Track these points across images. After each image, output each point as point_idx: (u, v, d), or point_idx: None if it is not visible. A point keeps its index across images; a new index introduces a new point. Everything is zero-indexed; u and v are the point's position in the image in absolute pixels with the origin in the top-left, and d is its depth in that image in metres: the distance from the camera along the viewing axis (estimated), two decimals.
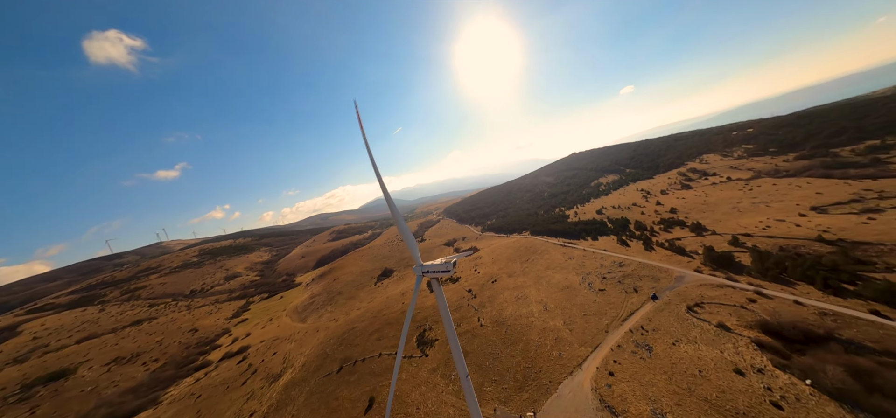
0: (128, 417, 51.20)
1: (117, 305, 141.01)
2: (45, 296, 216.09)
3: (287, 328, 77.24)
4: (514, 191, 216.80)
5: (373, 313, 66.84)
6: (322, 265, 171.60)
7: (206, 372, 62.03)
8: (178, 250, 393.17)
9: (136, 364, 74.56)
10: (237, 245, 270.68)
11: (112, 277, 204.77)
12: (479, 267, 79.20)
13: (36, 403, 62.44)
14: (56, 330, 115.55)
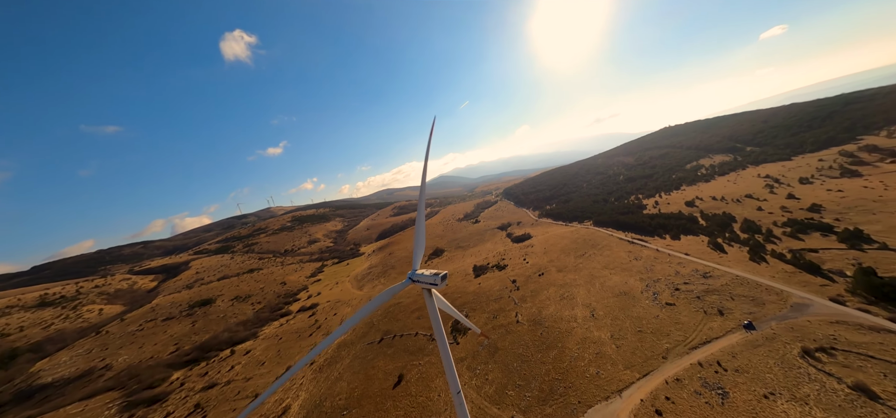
0: (238, 342, 67.97)
1: (241, 255, 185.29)
2: (204, 243, 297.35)
3: (347, 293, 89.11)
4: (582, 172, 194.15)
5: (417, 291, 71.04)
6: (383, 238, 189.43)
7: (288, 319, 77.09)
8: (280, 215, 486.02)
9: (247, 303, 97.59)
10: (318, 214, 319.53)
11: (238, 233, 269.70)
12: (529, 256, 75.19)
13: (195, 319, 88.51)
14: (207, 269, 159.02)
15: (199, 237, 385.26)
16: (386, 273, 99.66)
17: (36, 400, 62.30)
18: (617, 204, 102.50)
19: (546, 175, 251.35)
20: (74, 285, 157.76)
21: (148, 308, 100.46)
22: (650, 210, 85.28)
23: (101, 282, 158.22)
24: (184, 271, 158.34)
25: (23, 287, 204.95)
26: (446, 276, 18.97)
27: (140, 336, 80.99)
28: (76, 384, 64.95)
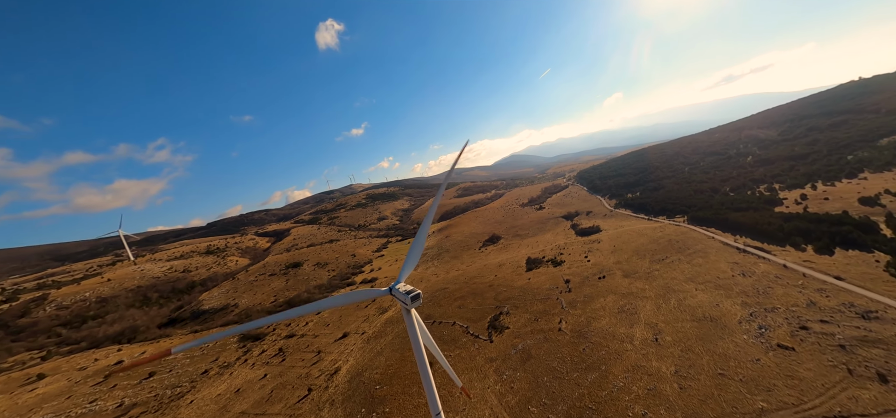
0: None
1: (325, 226, 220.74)
2: (302, 213, 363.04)
3: None
4: (685, 151, 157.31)
5: (465, 278, 71.88)
6: (443, 220, 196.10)
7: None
8: (358, 192, 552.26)
9: (325, 269, 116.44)
10: (388, 192, 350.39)
11: (325, 207, 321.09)
12: (592, 253, 66.79)
13: (288, 278, 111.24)
14: (301, 236, 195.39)
15: (300, 208, 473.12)
16: (440, 255, 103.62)
17: (200, 319, 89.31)
18: (732, 195, 79.96)
19: (634, 155, 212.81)
20: (224, 240, 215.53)
21: (261, 264, 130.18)
22: (789, 206, 63.97)
23: (239, 239, 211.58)
24: (286, 236, 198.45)
25: (201, 238, 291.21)
26: (419, 296, 18.18)
27: (254, 285, 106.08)
28: (219, 313, 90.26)
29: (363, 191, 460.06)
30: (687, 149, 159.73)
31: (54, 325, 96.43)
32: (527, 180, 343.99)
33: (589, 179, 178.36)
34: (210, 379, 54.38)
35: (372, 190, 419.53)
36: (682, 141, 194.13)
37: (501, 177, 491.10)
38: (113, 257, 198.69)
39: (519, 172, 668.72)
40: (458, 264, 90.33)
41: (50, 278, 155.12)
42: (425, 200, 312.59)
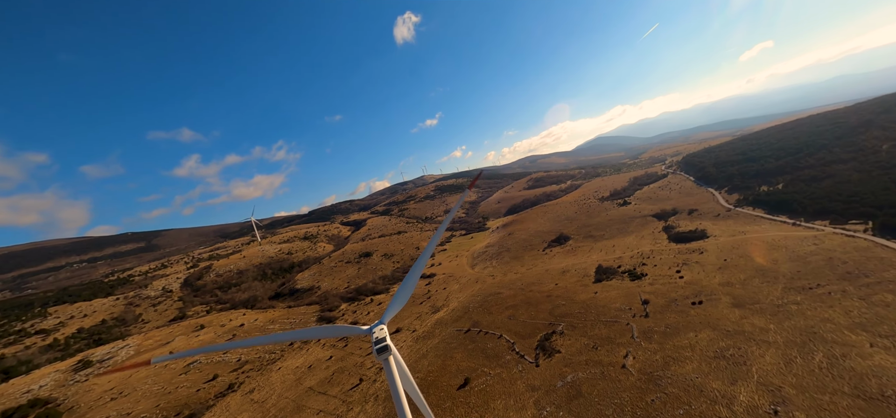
0: (377, 293, 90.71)
1: (396, 218, 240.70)
2: (378, 204, 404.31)
3: (461, 269, 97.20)
4: (879, 118, 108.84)
5: (522, 284, 67.61)
6: (510, 213, 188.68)
7: None
8: (430, 183, 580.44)
9: (391, 260, 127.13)
10: (456, 184, 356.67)
11: (397, 199, 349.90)
12: (689, 267, 53.74)
13: (360, 266, 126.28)
14: (375, 227, 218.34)
15: (377, 199, 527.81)
16: (499, 255, 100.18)
17: (295, 296, 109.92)
18: None
19: (781, 129, 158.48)
20: (317, 227, 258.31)
21: (341, 251, 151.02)
22: None
23: (328, 227, 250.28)
24: (363, 226, 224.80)
25: (303, 224, 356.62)
26: (387, 348, 16.66)
27: (334, 270, 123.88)
28: (307, 293, 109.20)
29: (433, 183, 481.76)
30: (880, 116, 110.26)
31: (214, 288, 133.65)
32: (612, 168, 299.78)
33: (699, 166, 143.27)
34: (293, 351, 66.19)
35: (441, 181, 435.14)
36: (881, 102, 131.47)
37: (581, 165, 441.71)
38: (249, 238, 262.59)
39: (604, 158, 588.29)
40: (517, 266, 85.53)
41: (217, 251, 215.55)
42: (494, 192, 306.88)
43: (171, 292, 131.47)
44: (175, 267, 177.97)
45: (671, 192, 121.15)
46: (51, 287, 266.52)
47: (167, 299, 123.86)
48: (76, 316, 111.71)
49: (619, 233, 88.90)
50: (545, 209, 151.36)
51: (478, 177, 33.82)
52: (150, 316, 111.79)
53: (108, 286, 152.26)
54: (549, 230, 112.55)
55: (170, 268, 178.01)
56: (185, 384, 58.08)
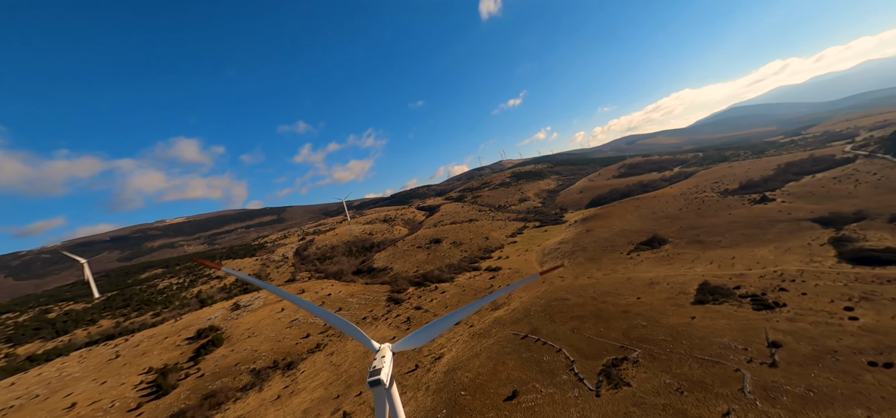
0: (441, 281, 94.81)
1: (469, 205, 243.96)
2: (453, 190, 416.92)
3: (528, 266, 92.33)
4: None
5: (594, 292, 60.20)
6: (593, 206, 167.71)
7: (475, 275, 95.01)
8: (508, 168, 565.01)
9: (459, 249, 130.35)
10: (535, 170, 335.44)
11: (471, 185, 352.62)
12: (872, 307, 38.22)
13: (429, 252, 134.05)
14: (447, 213, 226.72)
15: (453, 184, 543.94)
16: (573, 254, 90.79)
17: (371, 274, 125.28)
18: None
19: None
20: (396, 211, 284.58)
21: (414, 236, 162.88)
22: None
23: (404, 211, 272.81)
24: (436, 212, 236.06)
25: (386, 207, 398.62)
26: (380, 382, 15.42)
27: (406, 254, 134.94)
28: (381, 272, 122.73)
29: (510, 168, 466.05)
30: None
31: (314, 259, 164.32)
32: (750, 149, 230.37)
33: None
34: (366, 325, 75.86)
35: (518, 167, 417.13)
36: None
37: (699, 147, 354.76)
38: (342, 218, 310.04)
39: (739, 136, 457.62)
40: (592, 270, 75.92)
41: (319, 227, 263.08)
42: (577, 179, 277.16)
43: (287, 258, 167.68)
44: (291, 238, 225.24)
45: (857, 186, 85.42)
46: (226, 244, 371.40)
47: (285, 264, 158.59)
48: (237, 269, 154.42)
49: (746, 241, 68.24)
50: (638, 202, 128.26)
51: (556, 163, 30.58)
52: (274, 275, 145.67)
53: (253, 248, 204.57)
54: (639, 229, 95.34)
55: (288, 239, 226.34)
56: (289, 336, 73.78)
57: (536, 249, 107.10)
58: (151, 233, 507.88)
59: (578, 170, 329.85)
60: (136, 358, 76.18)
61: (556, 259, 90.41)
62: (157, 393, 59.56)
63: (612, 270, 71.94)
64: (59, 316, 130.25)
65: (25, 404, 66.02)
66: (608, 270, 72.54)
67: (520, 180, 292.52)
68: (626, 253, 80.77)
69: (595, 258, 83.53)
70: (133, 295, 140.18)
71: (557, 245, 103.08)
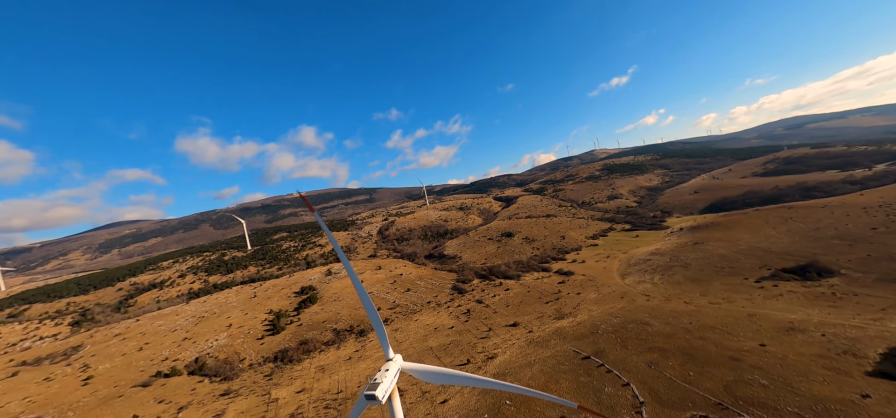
0: (507, 278, 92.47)
1: (549, 198, 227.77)
2: (535, 181, 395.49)
3: (606, 275, 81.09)
4: None
5: (690, 323, 49.27)
6: (711, 212, 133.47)
7: (543, 276, 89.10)
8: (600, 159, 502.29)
9: (530, 245, 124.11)
10: (633, 163, 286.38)
11: (554, 177, 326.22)
12: None
13: (499, 246, 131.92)
14: (524, 206, 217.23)
15: (535, 175, 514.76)
16: (669, 269, 75.13)
17: (441, 260, 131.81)
18: None
19: None
20: (473, 199, 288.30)
21: (485, 227, 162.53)
22: None
23: (481, 200, 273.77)
24: (512, 204, 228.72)
25: (465, 194, 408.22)
26: (374, 397, 14.49)
27: (476, 245, 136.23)
28: (450, 260, 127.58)
29: (603, 160, 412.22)
30: None
31: (393, 239, 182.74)
32: None
33: None
34: (429, 309, 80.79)
35: (613, 158, 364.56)
36: None
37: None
38: (421, 202, 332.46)
39: None
40: (693, 293, 61.30)
41: (401, 210, 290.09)
42: (693, 175, 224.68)
43: (371, 236, 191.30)
44: (377, 217, 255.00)
45: None
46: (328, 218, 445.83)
47: (369, 240, 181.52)
48: None
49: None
50: (788, 212, 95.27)
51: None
52: (359, 249, 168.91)
53: (346, 224, 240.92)
54: (783, 250, 71.31)
55: (374, 218, 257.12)
56: None
57: (621, 257, 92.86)
58: (283, 203, 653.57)
59: (698, 164, 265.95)
60: (265, 300, 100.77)
61: (645, 272, 76.54)
62: (273, 331, 77.79)
63: (724, 299, 56.74)
64: (229, 259, 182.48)
65: (207, 317, 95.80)
66: (718, 298, 57.50)
67: (612, 174, 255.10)
68: (753, 280, 62.24)
69: (700, 279, 67.22)
70: (268, 251, 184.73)
71: (649, 255, 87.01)
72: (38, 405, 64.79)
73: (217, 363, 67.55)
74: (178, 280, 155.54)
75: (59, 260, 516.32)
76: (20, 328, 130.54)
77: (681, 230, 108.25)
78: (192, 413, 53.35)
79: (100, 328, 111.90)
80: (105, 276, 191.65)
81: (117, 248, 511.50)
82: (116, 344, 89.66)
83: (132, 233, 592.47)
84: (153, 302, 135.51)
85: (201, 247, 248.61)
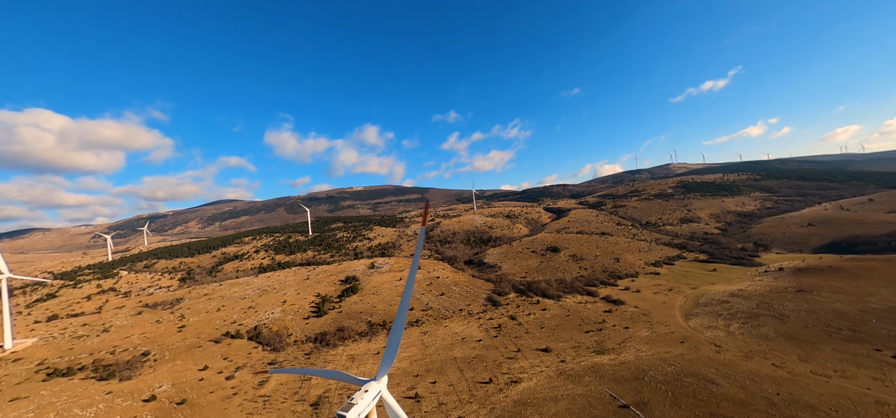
0: (546, 296, 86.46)
1: (606, 214, 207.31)
2: (592, 194, 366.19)
3: (664, 311, 69.88)
4: None
5: (775, 394, 39.90)
6: (832, 252, 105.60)
7: (588, 301, 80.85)
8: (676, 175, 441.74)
9: (577, 265, 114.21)
10: (723, 182, 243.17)
11: (615, 191, 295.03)
12: None
13: (542, 260, 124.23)
14: (576, 220, 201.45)
15: (594, 187, 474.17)
16: (755, 320, 61.33)
17: (481, 268, 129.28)
18: None
19: None
20: (521, 207, 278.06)
21: (531, 238, 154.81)
22: None
23: (530, 209, 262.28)
24: (564, 216, 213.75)
25: (515, 201, 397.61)
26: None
27: (518, 256, 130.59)
28: (489, 269, 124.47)
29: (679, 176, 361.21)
30: None
31: (437, 240, 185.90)
32: None
33: None
34: (460, 317, 79.68)
35: (692, 176, 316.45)
36: None
37: None
38: (469, 206, 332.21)
39: None
40: (788, 354, 48.78)
41: (448, 212, 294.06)
42: (811, 203, 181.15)
43: (416, 234, 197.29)
44: None
45: None
46: (382, 213, 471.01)
47: (414, 239, 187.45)
48: (379, 235, 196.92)
49: None
50: None
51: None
52: (404, 246, 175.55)
53: (395, 220, 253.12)
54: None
55: (420, 218, 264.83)
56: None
57: (687, 293, 79.28)
58: (344, 195, 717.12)
59: (819, 189, 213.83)
60: (315, 283, 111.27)
61: (718, 317, 63.88)
62: (317, 313, 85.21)
63: (836, 372, 44.05)
64: (293, 242, 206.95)
65: (268, 291, 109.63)
66: (826, 368, 44.91)
67: (689, 193, 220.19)
68: (890, 353, 47.29)
69: (801, 338, 53.43)
70: (325, 238, 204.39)
71: (728, 296, 72.57)
72: (149, 341, 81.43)
73: (270, 334, 76.57)
74: (253, 254, 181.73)
75: (181, 226, 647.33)
76: (149, 277, 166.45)
77: (780, 270, 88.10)
78: (244, 374, 61.26)
79: (196, 286, 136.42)
80: (206, 244, 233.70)
81: (219, 222, 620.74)
82: (203, 303, 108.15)
83: (229, 210, 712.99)
84: (234, 270, 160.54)
85: (274, 228, 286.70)
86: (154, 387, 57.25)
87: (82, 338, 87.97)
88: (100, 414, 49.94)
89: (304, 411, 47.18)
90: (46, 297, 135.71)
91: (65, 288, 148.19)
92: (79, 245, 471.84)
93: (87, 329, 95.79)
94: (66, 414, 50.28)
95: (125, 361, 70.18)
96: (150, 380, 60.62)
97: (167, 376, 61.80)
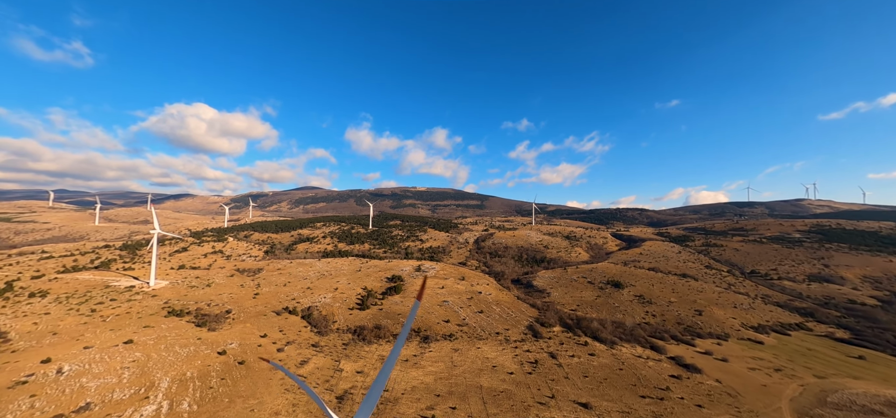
0: (596, 339, 76.15)
1: (691, 253, 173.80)
2: (679, 225, 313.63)
3: (764, 398, 53.83)
4: None
5: None
6: None
7: (646, 356, 67.99)
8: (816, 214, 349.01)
9: (643, 308, 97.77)
10: (893, 234, 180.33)
11: (711, 226, 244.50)
12: None
13: (599, 294, 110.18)
14: (650, 253, 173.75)
15: (681, 216, 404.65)
16: None
17: (528, 290, 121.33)
18: None
19: None
20: (584, 229, 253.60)
21: (590, 267, 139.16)
22: None
23: (595, 233, 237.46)
24: (635, 247, 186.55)
25: (579, 220, 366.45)
26: None
27: (571, 285, 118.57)
28: (536, 293, 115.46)
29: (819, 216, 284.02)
30: None
31: (487, 252, 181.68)
32: None
33: None
34: (495, 342, 75.30)
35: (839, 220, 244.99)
36: None
37: None
38: (527, 220, 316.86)
39: None
40: None
41: (504, 224, 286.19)
42: None
43: (467, 243, 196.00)
44: (479, 226, 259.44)
45: None
46: (440, 215, 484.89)
47: (464, 248, 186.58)
48: (432, 238, 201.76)
49: None
50: None
51: None
52: (453, 254, 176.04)
53: (449, 225, 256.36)
54: None
55: (477, 226, 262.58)
56: (435, 313, 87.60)
57: (807, 380, 60.00)
58: (407, 194, 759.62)
59: None
60: (365, 277, 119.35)
61: (843, 413, 46.37)
62: (361, 306, 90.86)
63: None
64: (354, 233, 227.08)
65: (325, 276, 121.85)
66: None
67: (829, 241, 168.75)
68: None
69: None
70: (381, 234, 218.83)
71: (881, 404, 52.45)
72: (232, 301, 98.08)
73: (319, 316, 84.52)
74: (321, 239, 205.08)
75: (276, 205, 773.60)
76: (245, 245, 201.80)
77: None
78: (291, 350, 68.61)
79: (273, 260, 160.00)
80: (288, 224, 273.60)
81: (303, 205, 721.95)
82: (275, 276, 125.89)
83: (312, 196, 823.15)
84: (304, 251, 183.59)
85: (342, 217, 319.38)
86: (227, 343, 68.11)
87: (194, 289, 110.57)
88: (189, 356, 61.51)
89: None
90: (181, 250, 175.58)
91: (193, 245, 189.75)
92: (211, 211, 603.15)
93: (198, 281, 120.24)
94: (171, 348, 63.34)
95: (214, 314, 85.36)
96: (226, 336, 72.38)
97: (238, 335, 73.01)
